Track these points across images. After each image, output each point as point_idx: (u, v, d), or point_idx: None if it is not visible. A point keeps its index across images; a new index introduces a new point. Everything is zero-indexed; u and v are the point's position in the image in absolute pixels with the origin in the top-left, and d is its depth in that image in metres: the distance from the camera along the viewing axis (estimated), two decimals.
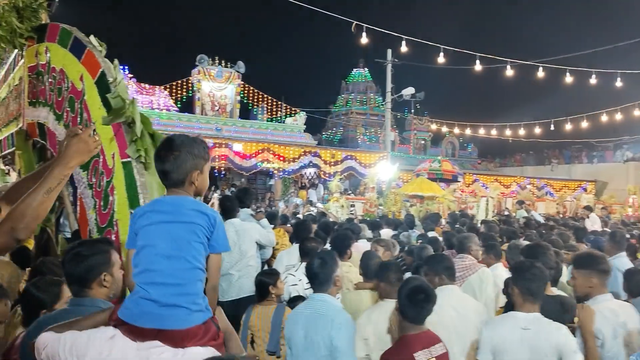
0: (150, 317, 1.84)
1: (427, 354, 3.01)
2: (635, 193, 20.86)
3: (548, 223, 12.50)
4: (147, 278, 1.89)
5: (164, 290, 1.86)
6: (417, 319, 3.13)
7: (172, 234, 1.93)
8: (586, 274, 3.44)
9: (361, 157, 24.41)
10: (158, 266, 1.90)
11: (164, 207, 2.00)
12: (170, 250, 1.91)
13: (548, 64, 17.44)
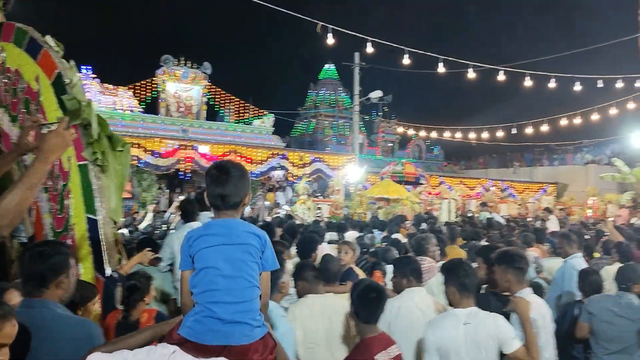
0: (216, 334, 1.96)
1: (386, 355, 3.01)
2: (594, 195, 21.43)
3: (509, 224, 12.78)
4: (210, 297, 2.01)
5: (228, 309, 1.99)
6: (371, 318, 3.13)
7: (229, 256, 2.06)
8: (503, 270, 3.58)
9: (329, 159, 24.46)
10: (220, 286, 2.02)
11: (218, 230, 2.12)
12: (230, 271, 2.04)
13: (510, 68, 17.78)
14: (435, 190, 24.50)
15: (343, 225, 10.73)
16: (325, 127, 36.85)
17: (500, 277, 3.62)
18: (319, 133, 36.77)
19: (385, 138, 37.42)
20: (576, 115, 22.62)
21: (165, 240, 5.96)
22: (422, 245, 5.57)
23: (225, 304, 2.00)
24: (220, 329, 1.97)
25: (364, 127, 37.39)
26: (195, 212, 6.01)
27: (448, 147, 38.46)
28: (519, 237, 8.36)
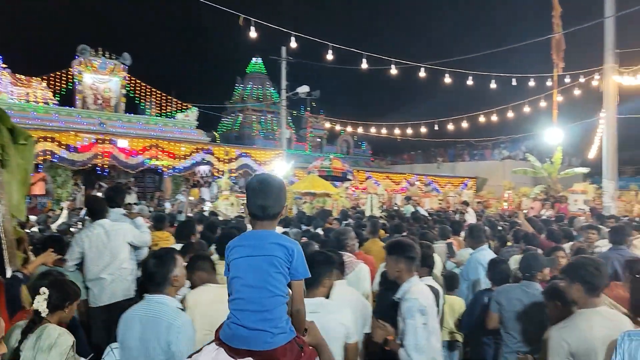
0: (240, 339, 2.16)
1: None
2: (510, 188, 22.38)
3: (432, 217, 13.11)
4: (237, 305, 2.20)
5: (250, 317, 2.16)
6: None
7: (254, 267, 2.20)
8: (394, 259, 3.66)
9: (256, 154, 24.25)
10: (244, 295, 2.19)
11: (249, 242, 2.27)
12: (254, 281, 2.19)
13: (430, 65, 18.20)
14: (362, 185, 24.88)
15: None
16: (253, 122, 36.48)
17: (392, 266, 3.67)
18: (246, 128, 36.35)
19: (313, 133, 37.53)
20: (493, 112, 23.52)
21: (74, 239, 5.69)
22: (341, 240, 5.56)
23: (249, 312, 2.17)
24: (243, 334, 2.16)
25: (292, 123, 37.34)
26: (104, 209, 5.80)
27: (375, 142, 39.16)
28: (437, 229, 8.56)
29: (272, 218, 2.30)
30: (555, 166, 21.07)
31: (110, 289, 5.42)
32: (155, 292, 3.23)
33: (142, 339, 3.11)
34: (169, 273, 3.24)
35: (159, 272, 3.23)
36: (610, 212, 15.46)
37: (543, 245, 6.86)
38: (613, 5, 17.19)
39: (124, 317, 3.27)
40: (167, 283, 3.23)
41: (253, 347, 2.13)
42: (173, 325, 3.07)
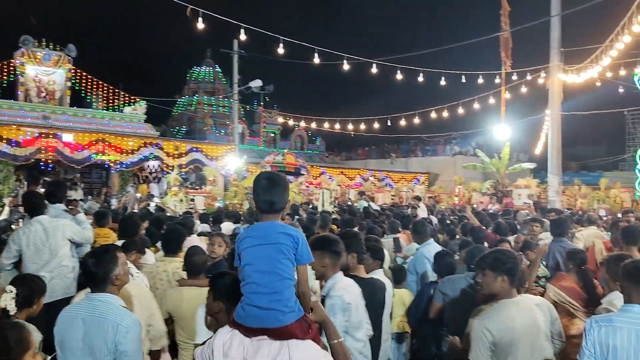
0: (254, 318, 2.41)
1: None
2: (460, 184, 22.82)
3: (384, 212, 13.21)
4: (250, 289, 2.44)
5: (262, 298, 2.40)
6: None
7: (264, 254, 2.45)
8: (319, 255, 3.57)
9: (207, 149, 23.88)
10: (257, 280, 2.43)
11: (257, 233, 2.53)
12: (264, 267, 2.43)
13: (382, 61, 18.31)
14: (316, 181, 24.87)
15: (217, 216, 10.51)
16: (204, 116, 35.94)
17: (317, 262, 3.57)
18: (198, 122, 35.81)
19: (267, 128, 37.28)
20: (444, 108, 23.90)
21: (10, 237, 5.60)
22: None
23: (261, 294, 2.41)
24: (257, 314, 2.40)
25: (245, 117, 37.00)
26: (42, 205, 5.65)
27: (330, 138, 39.20)
28: (387, 223, 8.63)
29: (277, 212, 2.56)
30: (503, 162, 21.59)
31: (50, 286, 5.18)
32: (97, 291, 3.15)
33: (86, 339, 3.02)
34: (109, 272, 3.15)
35: (99, 271, 3.14)
36: (555, 206, 15.94)
37: (489, 238, 7.01)
38: (559, 4, 17.71)
39: (63, 316, 3.16)
40: (108, 282, 3.15)
41: (267, 325, 2.39)
42: (120, 325, 3.00)
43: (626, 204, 20.06)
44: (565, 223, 6.68)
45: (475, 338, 3.24)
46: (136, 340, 3.07)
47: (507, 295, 3.36)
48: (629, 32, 14.43)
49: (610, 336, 2.96)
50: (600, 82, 21.84)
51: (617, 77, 22.00)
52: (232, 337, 2.46)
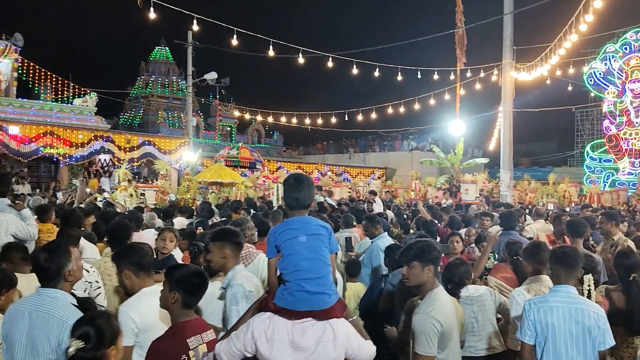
0: (305, 302, 2.65)
1: (199, 340, 2.98)
2: (417, 178, 23.06)
3: (340, 207, 13.20)
4: (299, 275, 2.67)
5: (312, 283, 2.67)
6: (192, 303, 3.07)
7: (309, 244, 2.75)
8: (219, 245, 3.60)
9: (160, 142, 23.38)
10: (304, 267, 2.69)
11: (296, 225, 2.80)
12: (310, 255, 2.73)
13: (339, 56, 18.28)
14: (274, 175, 24.68)
15: (168, 211, 10.25)
16: (158, 109, 35.24)
17: (217, 253, 3.59)
18: (151, 115, 35.09)
19: (222, 122, 36.82)
20: (400, 104, 24.09)
21: None
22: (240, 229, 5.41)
23: (310, 279, 2.67)
24: (308, 298, 2.66)
25: (201, 111, 36.46)
26: None
27: (287, 132, 39.06)
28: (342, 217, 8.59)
29: (304, 208, 2.88)
30: (457, 157, 21.92)
31: None
32: (48, 286, 3.05)
33: (30, 334, 2.92)
34: (62, 268, 3.06)
35: (51, 266, 3.04)
36: (507, 200, 16.29)
37: (440, 232, 7.07)
38: (511, 3, 18.04)
39: (10, 309, 3.09)
40: (60, 278, 3.06)
41: (316, 307, 2.67)
42: (66, 324, 2.86)
43: (574, 199, 20.72)
44: (514, 217, 6.82)
45: (425, 331, 3.27)
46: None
47: (433, 284, 3.47)
48: (576, 31, 14.83)
49: (548, 315, 3.33)
50: (550, 80, 22.46)
51: (566, 75, 22.67)
52: (274, 323, 2.66)
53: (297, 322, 2.65)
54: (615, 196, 21.63)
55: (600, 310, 3.42)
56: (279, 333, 2.63)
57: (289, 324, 2.65)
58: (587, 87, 27.36)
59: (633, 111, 26.20)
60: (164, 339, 2.94)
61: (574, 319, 3.32)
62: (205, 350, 2.99)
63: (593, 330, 3.32)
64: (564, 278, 3.50)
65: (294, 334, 2.63)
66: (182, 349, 2.86)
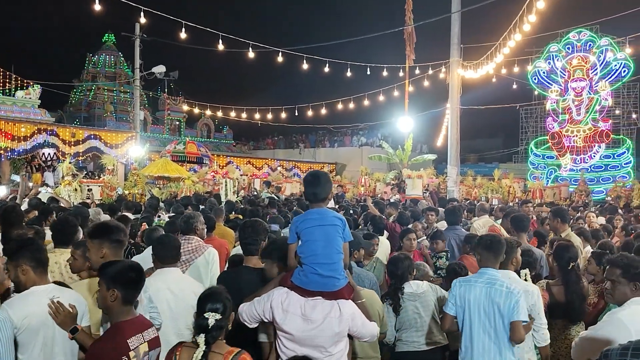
0: (317, 284, 3.05)
1: (140, 339, 2.93)
2: (366, 174, 23.30)
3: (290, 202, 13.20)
4: (314, 260, 3.06)
5: (325, 267, 3.05)
6: (131, 299, 3.00)
7: (324, 232, 3.12)
8: (97, 243, 3.42)
9: (107, 136, 22.73)
10: (319, 252, 3.07)
11: (315, 216, 3.17)
12: (325, 243, 3.09)
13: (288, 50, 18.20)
14: (223, 170, 24.44)
15: (115, 207, 10.00)
16: (105, 102, 34.26)
17: (95, 252, 3.41)
18: (97, 108, 34.08)
19: (171, 116, 36.15)
20: (350, 100, 24.24)
21: None
22: (191, 224, 5.37)
23: (323, 264, 3.05)
24: (319, 280, 3.05)
25: (149, 104, 35.68)
26: None
27: (238, 127, 38.67)
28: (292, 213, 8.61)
29: (322, 201, 3.24)
30: (406, 153, 22.26)
31: None
32: None
33: None
34: None
35: None
36: (454, 196, 16.68)
37: (388, 227, 7.16)
38: (459, 2, 18.43)
39: None
40: None
41: (325, 289, 3.06)
42: None
43: (518, 194, 21.43)
44: (459, 212, 6.98)
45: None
46: (7, 340, 2.86)
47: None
48: (520, 30, 15.31)
49: (467, 291, 3.78)
50: (496, 78, 23.07)
51: (511, 73, 23.35)
52: (290, 297, 3.08)
53: (309, 299, 3.07)
54: (557, 191, 22.50)
55: (515, 290, 3.68)
56: (293, 306, 3.06)
57: (302, 300, 3.07)
58: (532, 85, 28.32)
59: (575, 109, 27.30)
60: (103, 340, 2.89)
61: (490, 298, 3.68)
62: (146, 350, 2.94)
63: (502, 307, 3.64)
64: (490, 262, 3.86)
65: (306, 308, 3.06)
66: (123, 350, 2.80)
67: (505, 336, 3.64)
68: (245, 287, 3.79)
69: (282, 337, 3.11)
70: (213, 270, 5.11)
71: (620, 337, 2.97)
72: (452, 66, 19.32)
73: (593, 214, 9.72)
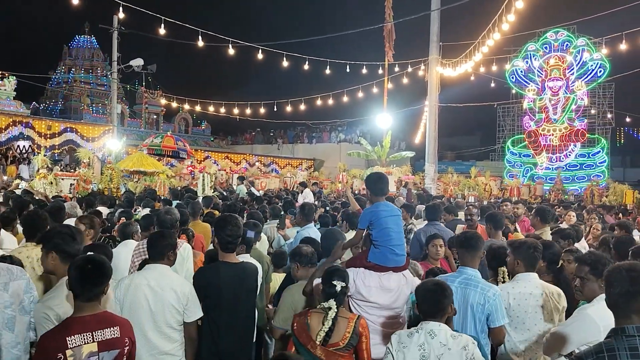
0: (393, 261, 3.89)
1: (87, 338, 2.78)
2: (344, 170, 23.36)
3: (268, 198, 13.19)
4: (389, 243, 3.87)
5: (399, 248, 3.94)
6: (84, 295, 2.86)
7: (395, 221, 4.02)
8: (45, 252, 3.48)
9: (83, 129, 22.44)
10: (394, 236, 3.92)
11: (384, 208, 4.01)
12: (397, 229, 4.00)
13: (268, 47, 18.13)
14: (201, 165, 24.27)
15: (90, 201, 9.86)
16: (81, 95, 33.75)
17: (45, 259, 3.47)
18: (74, 101, 33.56)
19: (148, 110, 35.75)
20: (329, 96, 24.24)
21: None
22: (166, 221, 5.32)
23: (397, 246, 3.91)
24: (395, 258, 3.89)
25: (126, 98, 35.26)
26: None
27: (216, 122, 38.33)
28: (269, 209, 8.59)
29: (385, 195, 4.25)
30: (385, 149, 22.37)
31: None
32: None
33: None
34: None
35: None
36: (431, 192, 16.82)
37: None
38: (439, 0, 18.57)
39: None
40: None
41: (399, 264, 3.92)
42: None
43: (494, 192, 21.70)
44: (439, 209, 7.06)
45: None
46: None
47: None
48: (499, 30, 15.47)
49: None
50: (474, 77, 23.30)
51: (489, 72, 23.59)
52: (366, 274, 3.85)
53: (383, 274, 3.85)
54: (533, 189, 22.85)
55: (490, 293, 3.66)
56: (373, 280, 3.84)
57: (377, 275, 3.85)
58: (509, 84, 28.65)
59: (551, 108, 27.71)
60: (48, 334, 2.82)
61: (465, 298, 3.70)
62: (93, 350, 2.81)
63: (474, 308, 3.65)
64: (467, 260, 3.91)
65: (382, 281, 3.85)
66: (59, 347, 2.71)
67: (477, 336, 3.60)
68: (223, 283, 3.83)
69: (365, 307, 3.83)
70: (187, 265, 5.09)
71: (589, 333, 3.05)
72: (431, 64, 19.47)
73: (573, 212, 9.88)
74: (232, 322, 3.88)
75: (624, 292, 2.30)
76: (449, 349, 3.03)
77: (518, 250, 4.04)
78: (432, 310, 3.15)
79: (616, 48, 18.12)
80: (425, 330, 3.10)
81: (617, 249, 4.76)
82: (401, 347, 3.10)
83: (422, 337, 3.08)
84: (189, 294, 3.71)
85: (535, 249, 4.02)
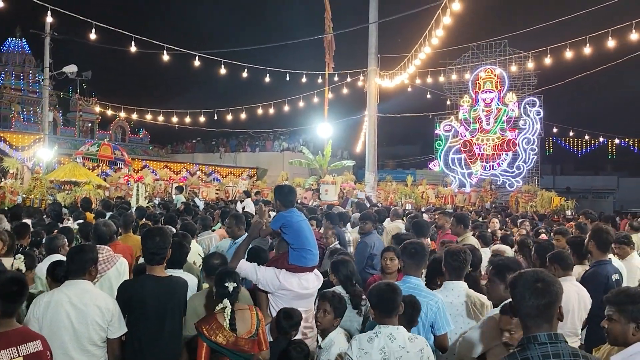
0: (311, 261, 4.28)
1: (13, 353, 2.79)
2: (286, 179, 23.33)
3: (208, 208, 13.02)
4: (306, 245, 4.25)
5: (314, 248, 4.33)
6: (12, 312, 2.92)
7: (307, 225, 4.46)
8: None
9: (12, 138, 21.50)
10: (309, 239, 4.31)
11: (297, 213, 4.46)
12: (309, 232, 4.39)
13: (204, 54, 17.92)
14: (138, 174, 23.64)
15: (17, 213, 9.47)
16: (11, 102, 32.41)
17: None
18: (3, 108, 32.20)
19: (83, 117, 34.64)
20: (270, 105, 24.22)
21: None
22: (104, 233, 5.28)
23: (313, 246, 4.33)
24: (313, 258, 4.30)
25: (59, 105, 34.08)
26: None
27: (154, 130, 37.56)
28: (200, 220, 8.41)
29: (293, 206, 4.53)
30: (326, 158, 22.47)
31: None
32: None
33: None
34: None
35: None
36: (373, 200, 17.03)
37: None
38: (376, 13, 18.96)
39: None
40: None
41: (315, 264, 4.42)
42: None
43: (431, 199, 22.23)
44: (371, 218, 7.17)
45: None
46: None
47: None
48: (429, 44, 15.97)
49: None
50: (412, 88, 23.89)
51: (425, 83, 24.25)
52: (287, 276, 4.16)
53: (301, 274, 4.19)
54: (467, 197, 23.54)
55: (432, 301, 3.76)
56: (291, 284, 4.14)
57: (296, 277, 4.17)
58: (445, 95, 29.53)
59: (484, 119, 28.69)
60: None
61: None
62: None
63: (423, 317, 3.69)
64: (412, 270, 4.01)
65: (302, 282, 4.18)
66: None
67: None
68: (148, 297, 3.74)
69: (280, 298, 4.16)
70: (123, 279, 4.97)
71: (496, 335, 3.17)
72: (370, 75, 19.82)
73: (496, 219, 10.26)
74: (156, 337, 3.78)
75: (536, 304, 2.28)
76: (407, 352, 3.16)
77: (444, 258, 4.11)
78: (388, 309, 3.26)
79: (542, 62, 18.99)
80: (385, 334, 3.21)
81: (538, 253, 4.95)
82: (362, 352, 3.18)
83: (382, 341, 3.18)
84: (113, 310, 3.61)
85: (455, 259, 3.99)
